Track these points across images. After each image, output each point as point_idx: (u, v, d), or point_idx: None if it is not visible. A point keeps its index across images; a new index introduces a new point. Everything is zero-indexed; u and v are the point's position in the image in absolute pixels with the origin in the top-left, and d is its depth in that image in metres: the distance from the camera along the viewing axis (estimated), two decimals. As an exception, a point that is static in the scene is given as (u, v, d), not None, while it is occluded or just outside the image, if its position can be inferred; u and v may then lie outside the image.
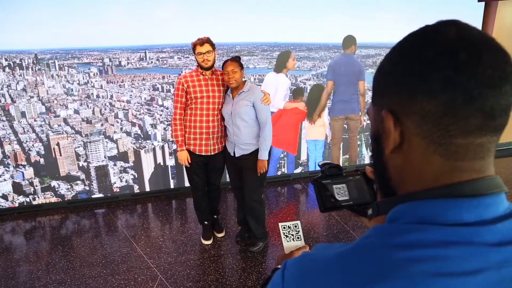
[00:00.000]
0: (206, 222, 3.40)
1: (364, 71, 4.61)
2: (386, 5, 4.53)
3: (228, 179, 3.40)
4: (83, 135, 4.01)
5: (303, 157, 4.81)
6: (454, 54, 0.45)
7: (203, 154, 3.04)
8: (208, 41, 2.84)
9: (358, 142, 5.00)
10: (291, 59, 4.38)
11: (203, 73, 2.92)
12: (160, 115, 4.21)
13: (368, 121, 4.88)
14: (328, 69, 4.56)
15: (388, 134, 0.52)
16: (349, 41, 4.48)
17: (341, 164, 4.92)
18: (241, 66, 2.82)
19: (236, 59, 2.82)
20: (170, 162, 4.33)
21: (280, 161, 4.74)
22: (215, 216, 3.50)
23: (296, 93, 4.50)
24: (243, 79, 2.89)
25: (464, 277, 0.43)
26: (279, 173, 4.77)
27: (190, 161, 3.05)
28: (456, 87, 0.45)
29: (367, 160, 5.11)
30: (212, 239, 3.42)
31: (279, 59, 4.37)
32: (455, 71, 0.45)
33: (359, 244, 0.50)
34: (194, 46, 2.85)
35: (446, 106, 0.46)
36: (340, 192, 0.75)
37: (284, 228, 1.09)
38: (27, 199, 3.99)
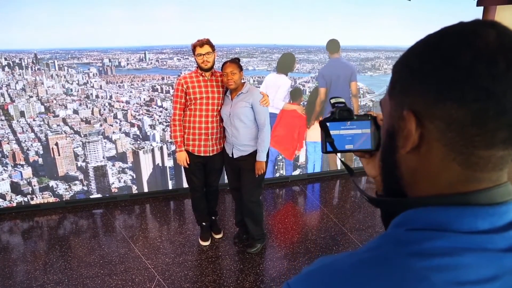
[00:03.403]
0: (204, 223, 3.40)
1: (355, 71, 4.62)
2: (385, 9, 4.55)
3: (226, 180, 3.41)
4: (82, 135, 4.01)
5: (302, 159, 4.82)
6: (492, 62, 0.42)
7: (202, 155, 3.05)
8: (207, 42, 2.85)
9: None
10: (296, 63, 4.43)
11: (203, 74, 2.93)
12: (159, 116, 4.21)
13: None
14: (318, 76, 4.54)
15: (407, 135, 0.49)
16: (336, 45, 4.45)
17: (338, 167, 4.95)
18: (240, 68, 2.83)
19: (235, 61, 2.84)
20: (169, 163, 4.33)
21: (279, 163, 4.75)
22: (213, 217, 3.50)
23: (294, 94, 4.51)
24: (242, 81, 2.90)
25: (482, 285, 0.43)
26: (277, 175, 4.78)
27: (188, 162, 3.05)
28: (490, 97, 0.42)
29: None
30: (210, 240, 3.42)
31: (282, 60, 4.39)
32: (492, 81, 0.42)
33: (375, 253, 0.49)
34: (194, 47, 2.86)
35: (476, 116, 0.43)
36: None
37: None
38: (25, 199, 3.98)
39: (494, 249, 0.45)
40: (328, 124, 0.75)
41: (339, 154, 0.79)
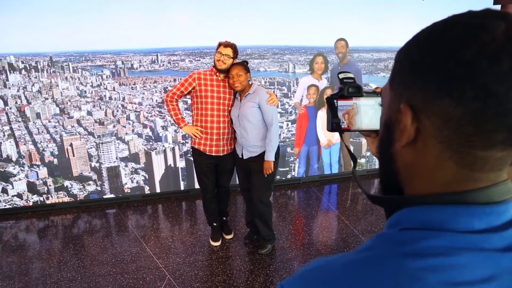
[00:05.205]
0: (215, 224, 3.42)
1: None
2: (398, 9, 4.51)
3: (238, 181, 3.42)
4: (96, 136, 4.08)
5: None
6: (496, 60, 0.39)
7: (214, 154, 3.07)
8: (233, 47, 2.86)
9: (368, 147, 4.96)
10: (314, 62, 4.46)
11: (217, 74, 2.94)
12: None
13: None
14: (359, 75, 4.58)
15: (403, 130, 0.48)
16: None
17: (351, 169, 4.91)
18: (247, 70, 2.85)
19: (242, 63, 2.86)
20: (181, 164, 4.37)
21: (290, 164, 4.74)
22: (224, 218, 3.51)
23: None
24: (250, 82, 2.91)
25: (479, 285, 0.42)
26: (289, 176, 4.77)
27: (200, 161, 3.09)
28: (491, 97, 0.40)
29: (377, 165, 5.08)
30: (220, 241, 3.44)
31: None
32: (494, 80, 0.39)
33: (368, 253, 0.47)
34: (219, 45, 2.88)
35: (474, 115, 0.41)
36: None
37: None
38: (41, 199, 4.08)
39: (491, 248, 0.43)
40: (335, 101, 0.71)
41: (345, 139, 0.76)
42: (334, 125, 0.71)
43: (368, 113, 0.71)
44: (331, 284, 0.46)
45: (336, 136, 4.73)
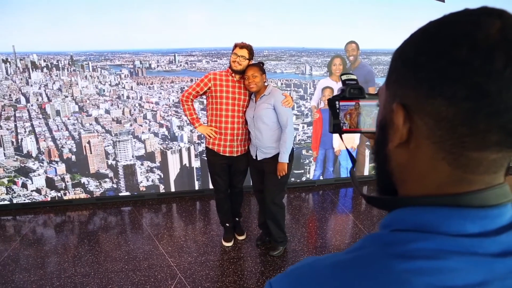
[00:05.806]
0: (227, 224, 3.41)
1: None
2: (417, 11, 4.42)
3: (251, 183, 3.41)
4: (113, 135, 4.15)
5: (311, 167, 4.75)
6: (489, 58, 0.38)
7: (227, 155, 3.07)
8: (248, 48, 2.87)
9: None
10: (332, 64, 4.43)
11: (232, 74, 2.95)
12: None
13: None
14: (371, 76, 4.53)
15: (395, 129, 0.47)
16: None
17: (367, 173, 4.83)
18: (262, 71, 2.84)
19: (257, 64, 2.85)
20: (196, 163, 4.39)
21: (306, 167, 4.71)
22: (237, 219, 3.51)
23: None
24: (265, 84, 2.91)
25: None
26: (303, 179, 4.74)
27: (214, 162, 3.09)
28: (483, 97, 0.39)
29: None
30: (232, 241, 3.43)
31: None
32: (487, 79, 0.38)
33: (357, 253, 0.47)
34: (235, 46, 2.89)
35: (466, 116, 0.40)
36: None
37: None
38: (59, 194, 4.16)
39: (484, 253, 0.42)
40: (337, 103, 0.70)
41: (345, 140, 0.75)
42: (334, 126, 0.71)
43: (370, 114, 0.70)
44: (317, 283, 0.46)
45: (355, 141, 4.68)
